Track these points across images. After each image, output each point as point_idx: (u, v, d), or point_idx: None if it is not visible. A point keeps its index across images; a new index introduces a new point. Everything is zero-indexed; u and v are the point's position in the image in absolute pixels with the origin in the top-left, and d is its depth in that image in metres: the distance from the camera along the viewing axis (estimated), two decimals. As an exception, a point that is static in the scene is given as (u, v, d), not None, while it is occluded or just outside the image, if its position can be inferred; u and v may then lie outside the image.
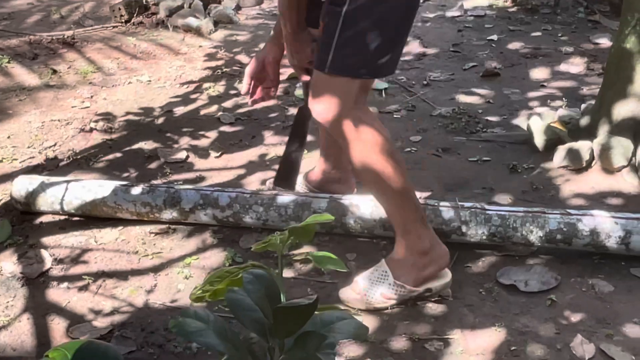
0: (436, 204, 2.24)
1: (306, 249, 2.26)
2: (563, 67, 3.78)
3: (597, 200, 2.52)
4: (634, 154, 2.66)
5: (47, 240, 2.36)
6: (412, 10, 1.87)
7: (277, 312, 0.58)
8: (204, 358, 1.85)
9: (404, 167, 1.96)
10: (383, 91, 3.47)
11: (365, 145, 1.89)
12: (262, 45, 4.18)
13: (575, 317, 1.97)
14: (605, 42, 4.07)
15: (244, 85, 2.14)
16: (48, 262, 2.24)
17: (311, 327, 0.60)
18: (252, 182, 2.67)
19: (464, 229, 2.18)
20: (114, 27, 4.56)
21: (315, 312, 0.64)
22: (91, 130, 3.15)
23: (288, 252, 2.21)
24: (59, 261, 2.26)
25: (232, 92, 3.57)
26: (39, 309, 2.05)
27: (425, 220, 2.01)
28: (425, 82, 3.61)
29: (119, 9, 4.63)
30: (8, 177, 2.70)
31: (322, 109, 1.87)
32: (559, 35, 4.27)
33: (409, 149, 2.91)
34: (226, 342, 0.56)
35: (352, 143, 1.90)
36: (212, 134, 3.10)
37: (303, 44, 1.98)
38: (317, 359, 0.55)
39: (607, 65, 2.83)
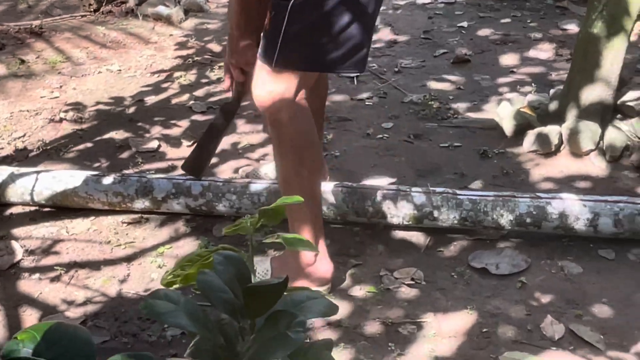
0: (408, 189, 2.25)
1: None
2: (532, 53, 3.81)
3: (566, 183, 2.55)
4: (601, 137, 2.70)
5: (17, 231, 2.34)
6: (367, 4, 1.79)
7: (248, 291, 0.58)
8: (179, 346, 1.85)
9: (318, 177, 1.98)
10: (355, 78, 3.47)
11: (292, 142, 1.89)
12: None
13: (545, 299, 2.00)
14: (573, 27, 4.10)
15: (225, 81, 2.11)
16: (19, 254, 2.22)
17: (281, 307, 0.61)
18: (225, 171, 2.66)
19: (435, 213, 2.20)
20: (82, 16, 4.50)
21: (286, 293, 0.65)
22: (61, 120, 3.11)
23: (261, 239, 2.21)
24: (30, 252, 2.24)
25: (204, 80, 3.55)
26: (11, 300, 2.03)
27: (319, 237, 1.97)
28: (396, 69, 3.62)
29: (88, -3, 4.57)
30: (-24, 168, 2.66)
31: (263, 97, 1.86)
32: (528, 21, 4.30)
33: (380, 136, 2.92)
34: (197, 323, 0.56)
35: (280, 135, 1.91)
36: (184, 123, 3.08)
37: (246, 47, 1.95)
38: (287, 337, 0.55)
39: (575, 51, 2.86)
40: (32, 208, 2.44)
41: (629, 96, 2.86)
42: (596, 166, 2.65)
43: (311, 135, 1.92)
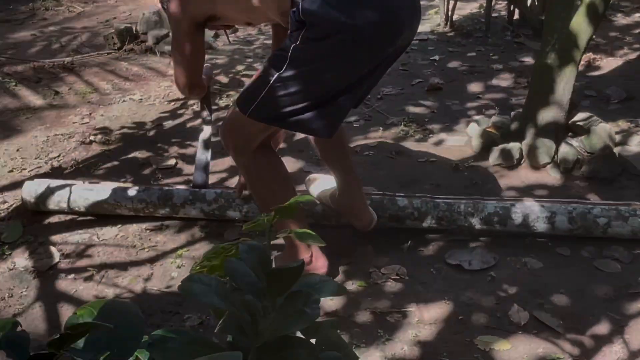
0: (392, 194, 2.27)
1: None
2: (494, 81, 3.84)
3: (527, 191, 2.56)
4: (556, 152, 2.72)
5: (55, 238, 2.33)
6: (341, 86, 1.72)
7: (270, 274, 0.58)
8: (197, 335, 1.84)
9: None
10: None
11: (260, 180, 1.89)
12: (239, 67, 4.15)
13: (512, 290, 2.00)
14: (529, 59, 4.14)
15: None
16: (56, 257, 2.21)
17: (298, 288, 0.61)
18: (234, 183, 2.65)
19: (416, 214, 2.21)
20: (108, 53, 4.51)
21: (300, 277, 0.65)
22: (91, 142, 3.11)
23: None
24: (66, 256, 2.23)
25: (214, 107, 3.54)
26: (50, 297, 2.03)
27: None
28: (379, 96, 3.63)
29: (112, 37, 4.59)
30: (18, 184, 2.64)
31: (230, 138, 1.86)
32: (490, 55, 4.33)
33: (367, 153, 2.93)
34: (227, 301, 0.57)
35: (249, 176, 1.91)
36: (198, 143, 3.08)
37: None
38: (305, 313, 0.56)
39: (532, 79, 2.88)
40: (68, 217, 2.43)
41: (578, 117, 2.89)
42: (552, 177, 2.67)
43: (276, 171, 1.90)
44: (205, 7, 1.82)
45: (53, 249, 2.26)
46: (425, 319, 1.89)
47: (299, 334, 0.66)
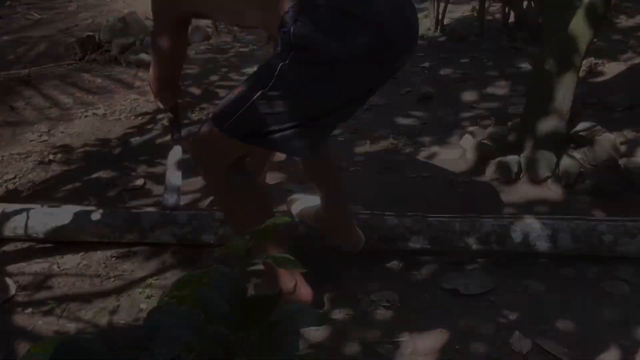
0: (382, 213, 2.28)
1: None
2: (490, 89, 3.88)
3: (526, 208, 2.58)
4: (557, 165, 2.75)
5: (10, 268, 2.30)
6: (329, 109, 1.74)
7: (245, 304, 0.58)
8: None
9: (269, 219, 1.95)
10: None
11: (233, 202, 1.88)
12: (213, 77, 4.17)
13: (513, 316, 2.00)
14: (526, 65, 4.19)
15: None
16: (12, 289, 2.19)
17: (275, 318, 0.61)
18: (207, 204, 2.65)
19: (407, 234, 2.21)
20: (68, 64, 4.50)
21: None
22: (50, 162, 3.09)
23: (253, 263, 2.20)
24: (23, 287, 2.20)
25: (186, 121, 3.55)
26: (5, 334, 1.99)
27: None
28: (365, 107, 3.64)
29: (73, 47, 4.59)
30: (-31, 209, 2.62)
31: (200, 154, 1.86)
32: (485, 61, 4.38)
33: (353, 169, 2.94)
34: (198, 335, 0.57)
35: (220, 197, 1.92)
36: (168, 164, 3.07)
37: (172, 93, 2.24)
38: (284, 346, 0.56)
39: (530, 86, 2.92)
40: (25, 245, 2.41)
41: (581, 126, 2.93)
42: (553, 192, 2.69)
43: (250, 191, 1.89)
44: (195, 4, 1.84)
45: (8, 280, 2.23)
46: (419, 349, 1.88)
47: (278, 369, 0.66)
